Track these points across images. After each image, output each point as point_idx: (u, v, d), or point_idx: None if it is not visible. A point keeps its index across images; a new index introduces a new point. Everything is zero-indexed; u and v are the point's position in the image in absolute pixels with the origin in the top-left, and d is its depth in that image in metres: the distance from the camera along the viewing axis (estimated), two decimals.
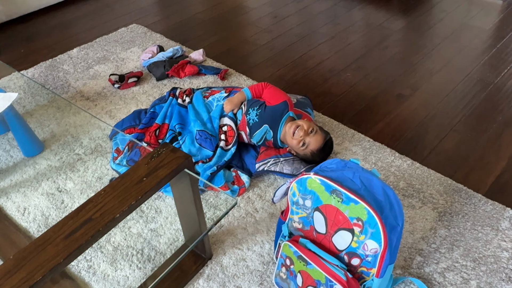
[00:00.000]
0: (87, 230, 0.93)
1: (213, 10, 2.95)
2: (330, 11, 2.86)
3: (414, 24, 2.67)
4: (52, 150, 1.86)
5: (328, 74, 2.30)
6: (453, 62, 2.33)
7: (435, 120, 1.97)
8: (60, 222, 0.94)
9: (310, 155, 1.61)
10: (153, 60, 2.30)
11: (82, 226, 0.94)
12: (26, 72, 2.38)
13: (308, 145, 1.59)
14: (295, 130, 1.59)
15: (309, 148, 1.59)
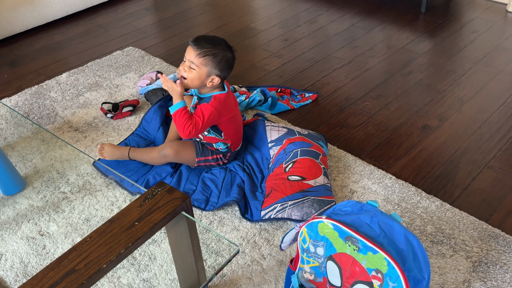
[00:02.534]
0: (70, 283, 0.94)
1: (218, 32, 3.03)
2: (347, 33, 2.93)
3: (441, 47, 2.72)
4: (35, 187, 1.89)
5: (344, 103, 2.33)
6: (486, 89, 2.35)
7: (467, 155, 1.98)
8: (39, 274, 0.96)
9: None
10: (151, 88, 2.35)
11: (64, 279, 0.95)
12: (9, 99, 2.45)
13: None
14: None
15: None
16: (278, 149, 1.93)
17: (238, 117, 1.90)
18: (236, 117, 1.88)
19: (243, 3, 3.38)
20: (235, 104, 1.87)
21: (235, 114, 1.86)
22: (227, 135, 1.86)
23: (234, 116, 1.85)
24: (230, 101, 1.83)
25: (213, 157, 1.91)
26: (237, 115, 1.88)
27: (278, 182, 1.77)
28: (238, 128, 1.91)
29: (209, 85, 1.74)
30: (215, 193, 1.82)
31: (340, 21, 3.07)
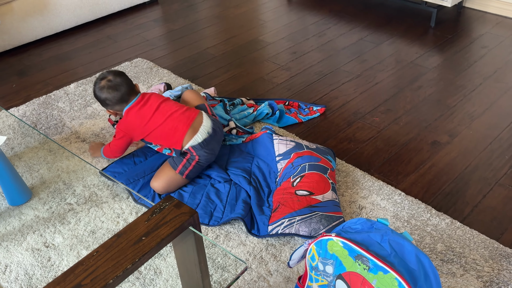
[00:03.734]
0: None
1: (226, 44, 3.04)
2: (356, 46, 2.93)
3: (451, 62, 2.71)
4: (41, 198, 1.89)
5: (352, 117, 2.32)
6: (497, 105, 2.34)
7: (477, 172, 1.96)
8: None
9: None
10: None
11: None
12: (17, 109, 2.46)
13: None
14: None
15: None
16: (286, 163, 1.92)
17: (156, 121, 1.89)
18: (153, 122, 1.89)
19: (252, 16, 3.40)
20: (146, 114, 1.90)
21: (148, 122, 1.89)
22: (157, 142, 1.92)
23: (148, 124, 1.89)
24: (134, 115, 1.90)
25: (184, 160, 1.90)
26: (152, 121, 1.89)
27: (285, 197, 1.76)
28: (167, 130, 1.88)
29: (114, 116, 2.02)
30: (220, 208, 1.81)
31: (349, 34, 3.07)
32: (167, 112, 1.90)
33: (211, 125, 1.92)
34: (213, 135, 1.92)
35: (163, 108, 1.91)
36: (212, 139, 1.91)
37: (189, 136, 1.87)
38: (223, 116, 2.18)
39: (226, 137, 2.16)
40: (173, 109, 1.91)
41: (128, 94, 1.92)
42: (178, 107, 1.93)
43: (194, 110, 1.94)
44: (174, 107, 1.93)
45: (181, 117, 1.89)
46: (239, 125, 2.19)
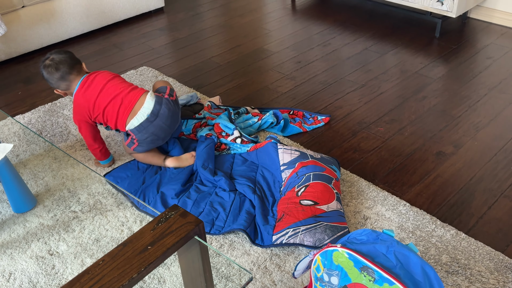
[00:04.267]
0: None
1: (231, 53, 3.06)
2: (360, 56, 2.94)
3: (456, 72, 2.72)
4: (46, 206, 1.90)
5: (357, 127, 2.33)
6: (502, 116, 2.34)
7: (483, 183, 1.96)
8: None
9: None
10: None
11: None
12: (22, 116, 2.47)
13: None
14: None
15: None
16: (290, 172, 1.92)
17: (101, 103, 1.93)
18: (99, 104, 1.93)
19: (257, 25, 3.42)
20: (91, 95, 1.93)
21: (94, 104, 1.93)
22: (106, 124, 1.99)
23: (95, 106, 1.93)
24: (80, 98, 1.94)
25: (128, 139, 1.98)
26: (97, 103, 1.93)
27: (290, 206, 1.76)
28: (111, 112, 1.93)
29: (63, 94, 2.03)
30: (222, 217, 1.81)
31: (353, 44, 3.08)
32: (112, 94, 1.93)
33: (151, 108, 1.91)
34: (152, 119, 1.92)
35: (108, 89, 1.94)
36: (150, 123, 1.92)
37: (129, 119, 1.93)
38: (227, 125, 2.19)
39: (230, 146, 2.17)
40: (118, 90, 1.93)
41: (68, 73, 1.94)
42: (123, 87, 1.95)
43: (139, 91, 1.95)
44: (119, 87, 1.94)
45: (125, 99, 1.92)
46: (244, 134, 2.19)
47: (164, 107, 1.94)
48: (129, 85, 1.97)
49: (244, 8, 3.70)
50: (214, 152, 2.11)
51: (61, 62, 1.94)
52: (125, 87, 1.95)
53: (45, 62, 1.96)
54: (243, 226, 1.74)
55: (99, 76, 1.97)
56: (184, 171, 2.02)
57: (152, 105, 1.92)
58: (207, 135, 2.18)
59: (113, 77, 1.99)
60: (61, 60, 1.95)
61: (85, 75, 1.98)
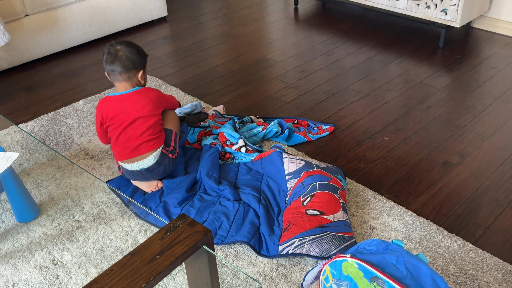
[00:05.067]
0: None
1: (234, 62, 3.07)
2: (364, 66, 2.95)
3: (460, 82, 2.73)
4: (49, 215, 1.90)
5: (362, 137, 2.33)
6: (507, 126, 2.35)
7: (489, 193, 1.96)
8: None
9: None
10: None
11: None
12: (25, 125, 2.48)
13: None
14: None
15: None
16: (296, 182, 1.93)
17: (116, 124, 1.93)
18: (113, 123, 1.94)
19: (260, 35, 3.44)
20: (113, 110, 1.93)
21: (109, 119, 1.94)
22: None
23: (109, 121, 1.94)
24: (105, 102, 1.96)
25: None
26: (113, 121, 1.94)
27: (296, 216, 1.76)
28: (118, 142, 1.94)
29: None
30: (225, 227, 1.81)
31: (357, 54, 3.10)
32: (131, 135, 1.93)
33: (149, 165, 1.94)
34: (144, 172, 1.96)
35: (133, 127, 1.93)
36: (140, 174, 1.96)
37: (125, 161, 1.95)
38: (232, 134, 2.19)
39: (235, 155, 2.17)
40: (137, 134, 1.92)
41: (118, 73, 1.93)
42: (143, 135, 1.92)
43: (150, 147, 1.93)
44: (140, 132, 1.92)
45: (135, 146, 1.92)
46: (249, 143, 2.20)
47: (161, 167, 1.97)
48: (149, 135, 1.92)
49: (247, 17, 3.72)
50: (218, 161, 2.11)
51: (120, 58, 1.91)
52: (145, 136, 1.92)
53: (110, 49, 1.94)
54: (247, 238, 1.73)
55: (138, 104, 1.92)
56: (187, 180, 2.03)
57: (152, 163, 1.95)
58: (212, 144, 2.18)
59: (146, 115, 1.92)
60: (121, 56, 1.91)
61: (132, 90, 1.95)
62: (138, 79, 1.99)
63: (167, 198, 1.94)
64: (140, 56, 1.96)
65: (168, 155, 1.98)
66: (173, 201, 1.92)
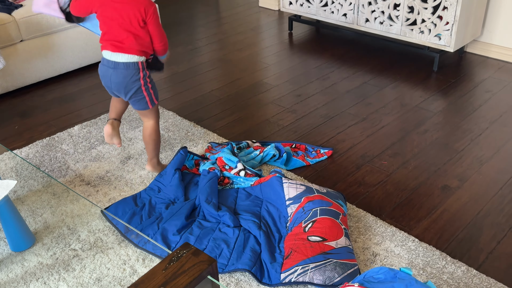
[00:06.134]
0: None
1: (231, 87, 3.07)
2: (359, 90, 2.97)
3: (456, 106, 2.75)
4: (45, 244, 1.86)
5: (360, 161, 2.33)
6: (504, 149, 2.35)
7: (490, 217, 1.95)
8: None
9: None
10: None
11: None
12: (20, 151, 2.45)
13: None
14: None
15: None
16: (297, 207, 1.91)
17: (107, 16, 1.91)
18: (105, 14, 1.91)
19: (255, 59, 3.46)
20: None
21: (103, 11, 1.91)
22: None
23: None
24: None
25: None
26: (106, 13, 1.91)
27: (298, 243, 1.74)
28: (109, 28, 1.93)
29: None
30: (225, 254, 1.78)
31: (352, 78, 3.12)
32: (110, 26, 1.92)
33: (118, 61, 1.92)
34: (106, 69, 1.98)
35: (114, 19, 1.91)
36: (104, 72, 2.01)
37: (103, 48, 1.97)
38: (230, 158, 2.18)
39: (234, 180, 2.15)
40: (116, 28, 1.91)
41: None
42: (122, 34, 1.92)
43: (133, 48, 1.92)
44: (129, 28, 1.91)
45: (121, 35, 1.91)
46: (247, 166, 2.18)
47: (123, 74, 1.95)
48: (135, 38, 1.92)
49: (242, 42, 3.75)
50: (217, 186, 2.09)
51: None
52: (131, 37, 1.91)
53: None
54: (248, 266, 1.70)
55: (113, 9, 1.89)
56: (186, 206, 2.00)
57: (122, 61, 1.93)
58: (210, 169, 2.16)
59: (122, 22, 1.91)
60: None
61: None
62: None
63: (166, 224, 1.91)
64: None
65: (139, 71, 1.95)
66: (172, 228, 1.89)
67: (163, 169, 2.23)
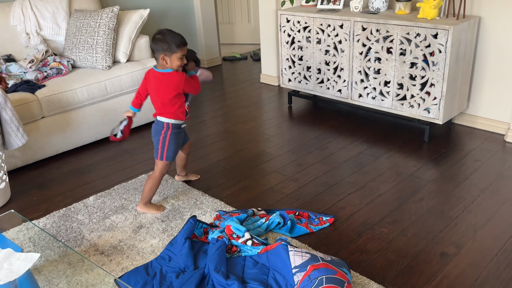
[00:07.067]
0: None
1: (236, 157, 3.14)
2: (357, 159, 3.03)
3: (448, 174, 2.80)
4: None
5: (361, 228, 2.34)
6: (497, 216, 2.37)
7: (488, 284, 1.94)
8: None
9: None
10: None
11: None
12: (37, 221, 2.46)
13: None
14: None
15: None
16: (303, 276, 1.90)
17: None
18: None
19: (257, 131, 3.55)
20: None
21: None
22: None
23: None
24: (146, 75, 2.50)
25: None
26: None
27: None
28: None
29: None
30: None
31: (349, 148, 3.19)
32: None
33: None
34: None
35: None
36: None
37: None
38: (238, 227, 2.19)
39: (241, 248, 2.16)
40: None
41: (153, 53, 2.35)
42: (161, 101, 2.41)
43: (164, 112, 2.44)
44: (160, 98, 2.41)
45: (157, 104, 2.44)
46: (254, 235, 2.19)
47: (155, 128, 2.50)
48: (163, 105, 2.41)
49: (246, 115, 3.86)
50: (225, 254, 2.09)
51: (156, 43, 2.29)
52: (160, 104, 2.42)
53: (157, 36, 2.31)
54: None
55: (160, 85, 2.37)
56: (196, 275, 1.99)
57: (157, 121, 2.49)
58: (219, 237, 2.17)
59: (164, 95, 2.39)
60: (157, 42, 2.28)
61: (163, 71, 2.34)
62: (160, 61, 2.32)
63: None
64: (153, 43, 2.30)
65: (163, 125, 2.43)
66: None
67: (152, 208, 2.50)
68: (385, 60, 3.20)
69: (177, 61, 2.29)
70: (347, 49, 3.39)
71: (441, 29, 2.88)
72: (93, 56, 3.34)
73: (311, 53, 3.64)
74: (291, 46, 3.77)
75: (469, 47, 3.10)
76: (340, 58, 3.46)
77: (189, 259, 2.09)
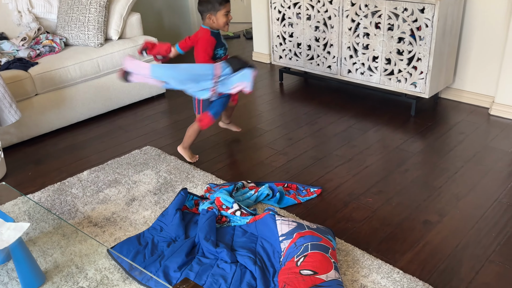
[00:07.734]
0: None
1: (227, 132, 3.12)
2: (345, 134, 3.02)
3: (433, 147, 2.80)
4: (54, 282, 1.84)
5: (347, 198, 2.35)
6: (479, 186, 2.38)
7: (468, 249, 1.96)
8: None
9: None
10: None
11: None
12: (32, 195, 2.46)
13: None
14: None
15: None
16: (289, 243, 1.91)
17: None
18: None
19: (250, 108, 3.53)
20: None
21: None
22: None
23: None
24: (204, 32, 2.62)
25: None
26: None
27: (290, 277, 1.73)
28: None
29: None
30: None
31: (338, 123, 3.18)
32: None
33: None
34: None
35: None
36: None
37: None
38: (227, 199, 2.20)
39: (230, 218, 2.16)
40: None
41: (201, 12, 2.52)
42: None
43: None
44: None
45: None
46: (243, 206, 2.20)
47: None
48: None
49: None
50: (215, 224, 2.10)
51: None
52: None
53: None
54: None
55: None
56: (186, 244, 2.00)
57: None
58: (209, 208, 2.18)
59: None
60: (203, 1, 2.47)
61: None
62: (207, 21, 2.48)
63: (168, 262, 1.90)
64: (199, 6, 2.47)
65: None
66: (173, 265, 1.88)
67: (188, 154, 2.71)
68: (373, 36, 3.16)
69: (223, 17, 2.43)
70: (336, 25, 3.35)
71: (428, 3, 2.84)
72: (85, 34, 3.29)
73: (301, 30, 3.59)
74: (281, 23, 3.72)
75: (456, 21, 3.06)
76: (329, 34, 3.42)
77: (180, 229, 2.09)
